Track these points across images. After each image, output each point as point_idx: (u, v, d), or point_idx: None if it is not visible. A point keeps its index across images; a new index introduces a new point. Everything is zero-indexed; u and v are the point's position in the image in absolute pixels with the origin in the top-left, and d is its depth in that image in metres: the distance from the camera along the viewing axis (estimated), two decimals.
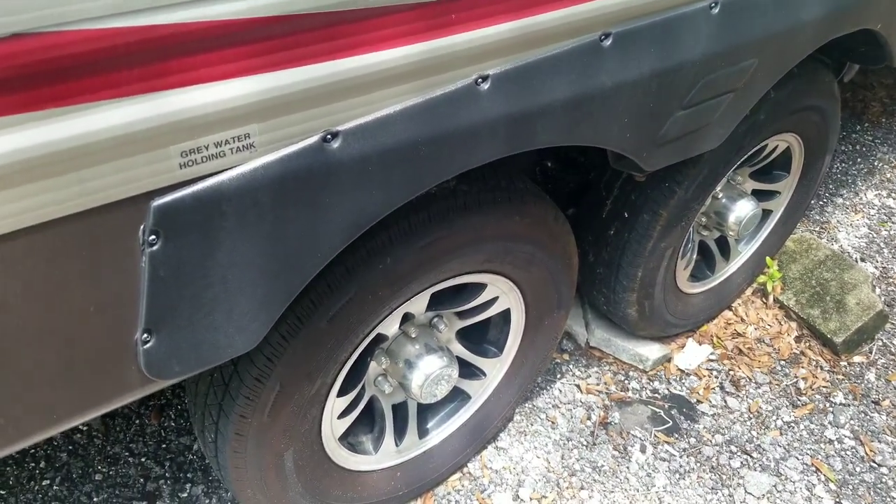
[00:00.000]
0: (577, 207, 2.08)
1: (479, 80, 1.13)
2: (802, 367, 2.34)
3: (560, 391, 2.22)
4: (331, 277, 1.28)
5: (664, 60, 1.34)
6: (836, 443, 2.13)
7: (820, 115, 2.13)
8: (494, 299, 1.68)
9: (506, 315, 1.76)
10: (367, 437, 1.72)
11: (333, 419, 1.53)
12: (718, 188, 2.14)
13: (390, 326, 1.51)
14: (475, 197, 1.42)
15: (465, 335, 1.77)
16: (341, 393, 1.49)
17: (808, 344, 2.41)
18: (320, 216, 1.01)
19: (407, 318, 1.56)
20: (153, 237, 0.87)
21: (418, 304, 1.52)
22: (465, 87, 1.12)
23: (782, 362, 2.36)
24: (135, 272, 0.89)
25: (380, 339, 1.54)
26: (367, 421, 1.72)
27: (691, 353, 2.36)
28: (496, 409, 1.92)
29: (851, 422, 2.19)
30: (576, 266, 1.79)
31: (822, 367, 2.35)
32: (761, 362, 2.35)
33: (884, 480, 2.04)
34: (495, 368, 1.85)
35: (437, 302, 1.59)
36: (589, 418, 2.14)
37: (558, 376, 2.26)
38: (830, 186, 3.16)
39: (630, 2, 1.26)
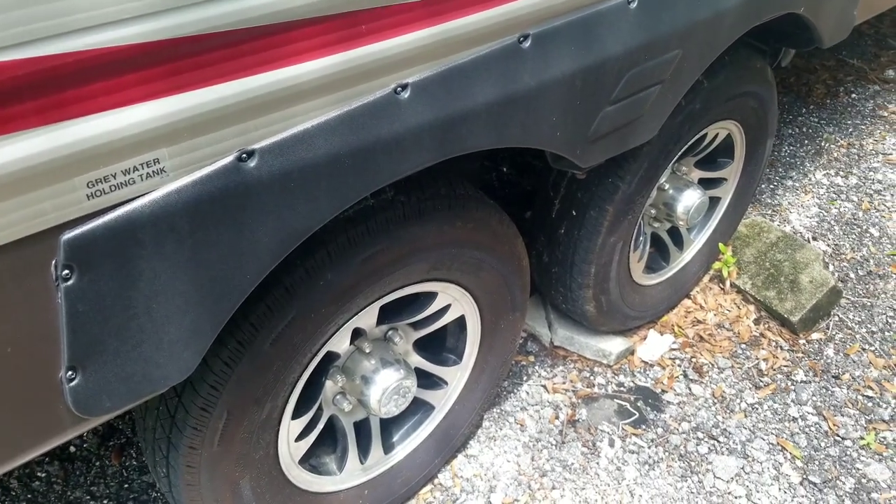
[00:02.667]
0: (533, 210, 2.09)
1: (399, 88, 1.13)
2: (763, 349, 2.37)
3: (527, 393, 2.22)
4: (270, 298, 1.26)
5: (586, 58, 1.36)
6: (799, 420, 2.15)
7: (757, 101, 2.17)
8: (447, 307, 1.68)
9: (461, 322, 1.76)
10: (331, 458, 1.70)
11: (291, 442, 1.51)
12: (663, 180, 2.16)
13: (340, 343, 1.50)
14: (415, 206, 1.42)
15: (422, 346, 1.76)
16: (296, 415, 1.48)
17: (766, 325, 2.44)
18: (244, 237, 1.00)
19: (358, 333, 1.55)
20: (66, 272, 0.85)
21: (367, 319, 1.51)
22: (385, 96, 1.12)
23: (743, 345, 2.38)
24: (52, 309, 0.88)
25: (332, 356, 1.53)
26: (330, 441, 1.70)
27: (653, 344, 2.38)
28: (462, 417, 1.91)
29: (814, 398, 2.22)
30: (527, 267, 1.79)
31: (781, 347, 2.38)
32: (722, 347, 2.38)
33: (848, 453, 2.06)
34: (456, 376, 1.84)
35: (389, 314, 1.59)
36: (557, 417, 2.14)
37: (525, 378, 2.26)
38: (780, 169, 3.21)
39: (546, 3, 1.28)
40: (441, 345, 1.81)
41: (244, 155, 0.96)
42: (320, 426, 1.59)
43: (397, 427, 1.82)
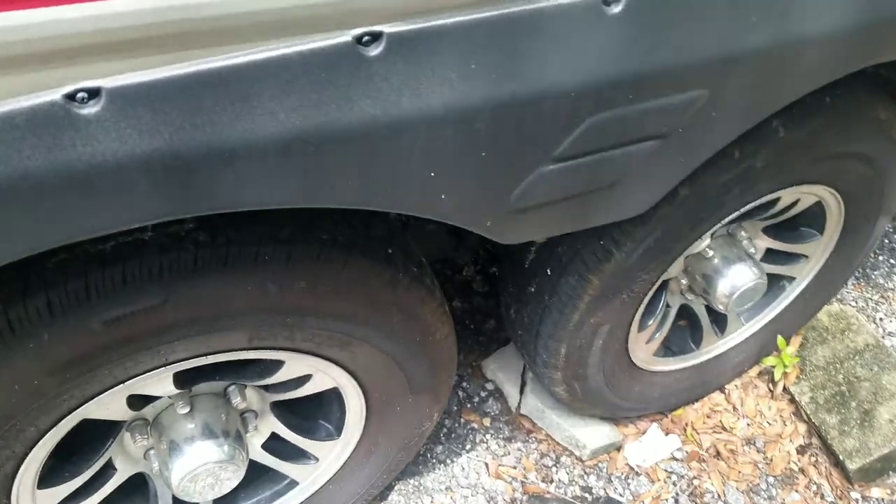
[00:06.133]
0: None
1: (82, 95, 0.66)
2: (797, 491, 1.75)
3: (462, 468, 1.75)
4: None
5: (500, 86, 0.80)
6: None
7: (867, 165, 1.47)
8: (307, 377, 1.23)
9: (338, 393, 1.30)
10: None
11: None
12: (702, 247, 1.54)
13: (110, 410, 1.09)
14: (220, 251, 0.95)
15: (287, 407, 1.33)
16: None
17: (813, 459, 1.80)
18: None
19: (148, 398, 1.13)
20: None
21: (157, 387, 1.08)
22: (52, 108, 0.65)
23: (771, 478, 1.77)
24: None
25: (114, 424, 1.13)
26: None
27: (651, 444, 1.81)
28: (339, 502, 1.47)
29: None
30: (444, 341, 1.29)
31: (823, 496, 1.74)
32: (741, 474, 1.77)
33: None
34: (332, 453, 1.40)
35: (223, 371, 1.16)
36: None
37: (467, 447, 1.79)
38: None
39: None
40: (315, 411, 1.36)
41: None
42: None
43: (246, 496, 1.42)
